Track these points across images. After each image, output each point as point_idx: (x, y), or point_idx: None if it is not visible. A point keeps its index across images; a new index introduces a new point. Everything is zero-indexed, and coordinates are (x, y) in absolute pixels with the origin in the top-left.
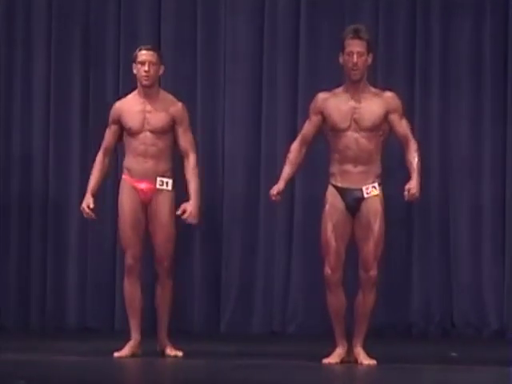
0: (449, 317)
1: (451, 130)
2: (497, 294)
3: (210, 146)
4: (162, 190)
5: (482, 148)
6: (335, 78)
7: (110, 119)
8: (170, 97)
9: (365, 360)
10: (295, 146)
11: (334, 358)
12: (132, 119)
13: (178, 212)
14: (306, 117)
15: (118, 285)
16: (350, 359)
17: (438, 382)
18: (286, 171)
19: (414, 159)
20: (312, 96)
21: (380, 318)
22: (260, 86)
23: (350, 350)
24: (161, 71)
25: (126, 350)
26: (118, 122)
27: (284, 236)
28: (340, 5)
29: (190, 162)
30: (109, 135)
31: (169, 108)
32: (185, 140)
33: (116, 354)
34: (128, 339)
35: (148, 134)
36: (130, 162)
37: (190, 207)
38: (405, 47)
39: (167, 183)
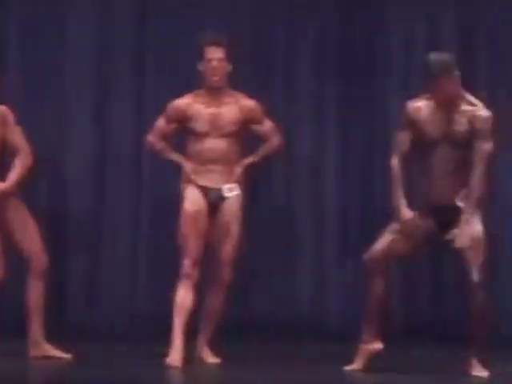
0: (295, 315)
1: (294, 130)
2: (341, 293)
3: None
4: None
5: (325, 148)
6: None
7: None
8: None
9: (210, 359)
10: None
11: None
12: None
13: None
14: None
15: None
16: (194, 358)
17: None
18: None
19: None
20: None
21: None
22: (104, 88)
23: (194, 349)
24: None
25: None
26: None
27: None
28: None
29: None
30: None
31: None
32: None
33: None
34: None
35: None
36: None
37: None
38: (251, 48)
39: None
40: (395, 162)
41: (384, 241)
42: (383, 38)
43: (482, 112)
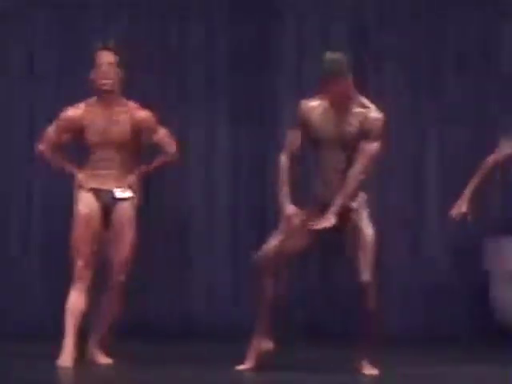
0: (187, 314)
1: (186, 130)
2: (233, 292)
3: None
4: None
5: (217, 148)
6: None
7: None
8: None
9: (102, 360)
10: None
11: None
12: None
13: None
14: None
15: None
16: (85, 359)
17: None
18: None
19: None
20: None
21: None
22: None
23: (86, 350)
24: None
25: None
26: None
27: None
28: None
29: None
30: None
31: None
32: None
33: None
34: None
35: None
36: None
37: None
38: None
39: None
40: (283, 159)
41: (274, 240)
42: (276, 37)
43: (373, 113)
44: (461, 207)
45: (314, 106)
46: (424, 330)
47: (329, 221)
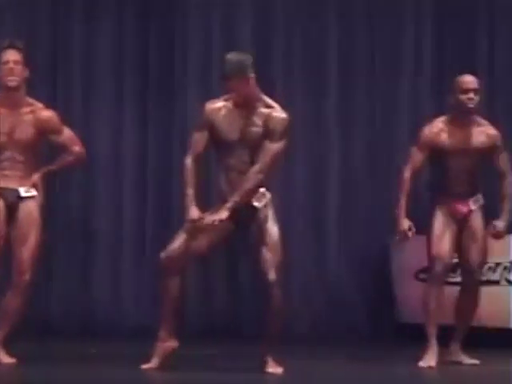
0: (90, 314)
1: (93, 130)
2: (137, 292)
3: None
4: None
5: (123, 148)
6: None
7: None
8: None
9: (5, 359)
10: None
11: None
12: None
13: None
14: None
15: None
16: None
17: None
18: None
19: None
20: None
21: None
22: None
23: None
24: None
25: None
26: None
27: None
28: None
29: None
30: None
31: None
32: None
33: None
34: None
35: None
36: None
37: None
38: (49, 49)
39: None
40: (188, 161)
41: (179, 240)
42: (182, 38)
43: (278, 113)
44: (402, 226)
45: (219, 107)
46: (327, 328)
47: (219, 215)
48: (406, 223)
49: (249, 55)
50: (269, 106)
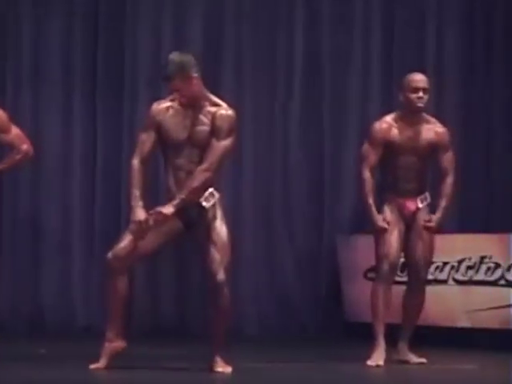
0: (38, 313)
1: (42, 129)
2: (86, 292)
3: None
4: None
5: (72, 147)
6: None
7: None
8: None
9: None
10: None
11: None
12: None
13: None
14: None
15: None
16: None
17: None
18: None
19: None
20: None
21: None
22: None
23: None
24: None
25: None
26: None
27: None
28: None
29: None
30: None
31: None
32: None
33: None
34: None
35: None
36: None
37: None
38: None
39: None
40: (134, 162)
41: (125, 240)
42: (132, 38)
43: (224, 111)
44: (380, 222)
45: (166, 107)
46: (276, 328)
47: (165, 210)
48: (380, 218)
49: (191, 55)
50: (215, 105)
